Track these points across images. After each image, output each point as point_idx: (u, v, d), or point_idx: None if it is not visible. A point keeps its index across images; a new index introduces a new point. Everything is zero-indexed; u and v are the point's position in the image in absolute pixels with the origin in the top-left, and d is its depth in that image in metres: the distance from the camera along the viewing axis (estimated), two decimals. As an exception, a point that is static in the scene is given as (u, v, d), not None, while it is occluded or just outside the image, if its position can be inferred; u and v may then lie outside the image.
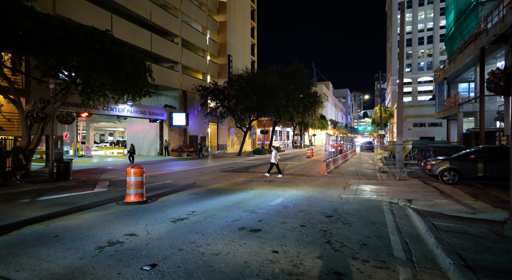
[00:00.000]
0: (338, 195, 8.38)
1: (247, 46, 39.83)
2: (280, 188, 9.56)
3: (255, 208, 6.46)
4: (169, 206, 6.55)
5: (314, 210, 6.45)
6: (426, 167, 10.24)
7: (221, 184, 10.35)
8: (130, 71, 11.52)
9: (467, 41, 20.59)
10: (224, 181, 11.27)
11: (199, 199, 7.48)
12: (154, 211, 5.99)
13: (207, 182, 11.02)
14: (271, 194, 8.34)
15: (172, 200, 7.34)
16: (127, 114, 21.24)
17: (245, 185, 10.23)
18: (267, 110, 25.34)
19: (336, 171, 14.94)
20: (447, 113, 25.63)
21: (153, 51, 23.70)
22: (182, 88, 27.44)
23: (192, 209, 6.22)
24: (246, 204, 7.02)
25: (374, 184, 10.62)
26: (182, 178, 12.05)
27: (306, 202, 7.25)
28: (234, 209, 6.40)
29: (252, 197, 7.93)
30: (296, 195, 8.22)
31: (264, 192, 8.81)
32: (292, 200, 7.49)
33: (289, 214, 5.90)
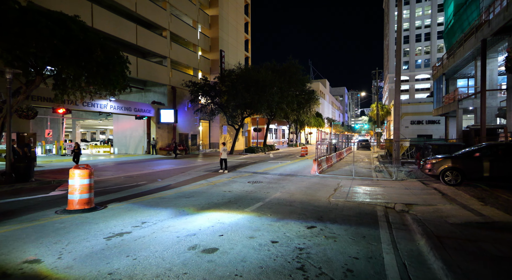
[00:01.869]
0: (327, 199, 7.36)
1: (241, 42, 38.69)
2: (263, 190, 8.53)
3: (223, 217, 5.43)
4: (119, 215, 5.47)
5: (295, 218, 5.43)
6: (425, 166, 9.26)
7: (198, 186, 9.30)
8: (101, 60, 10.39)
9: (467, 34, 19.64)
10: (204, 182, 10.22)
11: (161, 205, 6.43)
12: (94, 222, 4.91)
13: (184, 183, 9.96)
14: (250, 198, 7.30)
15: (128, 206, 6.27)
16: (110, 110, 20.09)
17: (224, 186, 9.19)
18: (259, 106, 24.28)
19: (329, 171, 13.95)
20: (445, 110, 24.73)
21: (139, 44, 22.52)
22: (171, 84, 26.29)
23: (145, 219, 5.14)
24: (215, 211, 5.98)
25: (369, 185, 9.62)
26: (159, 179, 10.99)
27: (288, 208, 6.22)
28: (198, 218, 5.36)
29: (227, 201, 6.90)
30: (278, 199, 7.19)
31: (243, 195, 7.77)
32: (272, 206, 6.47)
33: (261, 225, 4.86)
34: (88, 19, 18.39)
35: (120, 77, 12.41)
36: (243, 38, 39.48)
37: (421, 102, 37.03)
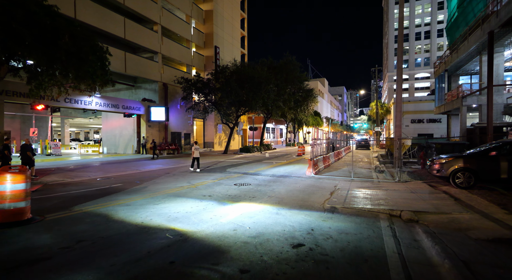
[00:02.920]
0: (321, 205, 6.32)
1: (237, 38, 37.61)
2: (249, 195, 7.47)
3: (189, 231, 4.38)
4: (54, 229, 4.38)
5: (279, 232, 4.38)
6: (433, 167, 8.23)
7: (178, 189, 8.24)
8: (69, 48, 9.31)
9: (472, 27, 18.63)
10: (186, 184, 9.16)
11: (121, 213, 5.38)
12: (12, 240, 3.84)
13: (163, 185, 8.89)
14: (231, 205, 6.25)
15: (76, 216, 5.21)
16: (96, 107, 18.99)
17: (206, 189, 8.13)
18: (254, 104, 23.21)
19: (326, 171, 12.91)
20: (448, 108, 23.73)
21: (127, 38, 21.42)
22: (162, 80, 25.19)
23: (82, 237, 4.06)
24: (183, 221, 4.93)
25: (369, 187, 8.59)
26: (138, 181, 9.92)
27: (273, 218, 5.17)
28: (156, 231, 4.31)
29: (202, 209, 5.85)
30: (263, 207, 6.15)
31: (224, 200, 6.72)
32: (255, 215, 5.42)
33: (233, 244, 3.81)
34: (71, 10, 17.29)
35: (98, 69, 11.33)
36: (239, 34, 38.40)
37: (421, 100, 36.05)
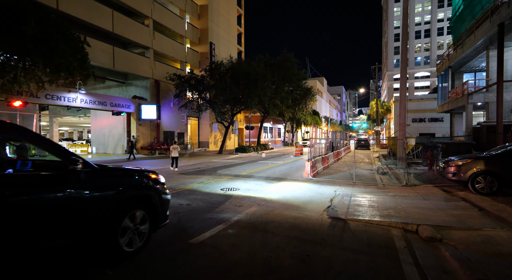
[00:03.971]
0: (320, 216, 5.27)
1: (233, 35, 36.52)
2: (235, 202, 6.42)
3: (140, 259, 3.32)
4: None
5: (264, 260, 3.32)
6: (448, 170, 7.19)
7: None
8: (36, 34, 8.22)
9: (479, 19, 17.62)
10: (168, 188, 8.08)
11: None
12: None
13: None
14: (210, 217, 5.19)
15: None
16: (81, 104, 17.87)
17: (188, 195, 7.06)
18: (249, 101, 22.14)
19: (325, 173, 11.87)
20: (452, 106, 22.75)
21: (116, 32, 20.30)
22: (154, 77, 24.08)
23: None
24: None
25: (374, 192, 7.55)
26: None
27: (258, 237, 4.11)
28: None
29: (176, 222, 4.78)
30: (250, 218, 5.09)
31: (202, 210, 5.66)
32: (236, 232, 4.36)
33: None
34: (53, 1, 16.15)
35: (74, 60, 10.23)
36: (235, 31, 37.32)
37: (423, 98, 35.10)
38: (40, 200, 2.46)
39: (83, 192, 2.75)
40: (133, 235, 3.26)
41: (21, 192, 2.35)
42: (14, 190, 2.32)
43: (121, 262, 3.15)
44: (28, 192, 2.40)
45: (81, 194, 2.74)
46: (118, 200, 3.04)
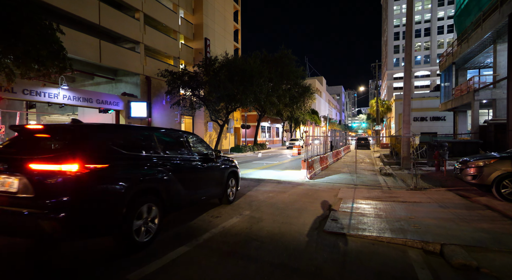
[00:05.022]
0: (315, 229, 4.22)
1: (229, 31, 35.43)
2: (213, 212, 5.35)
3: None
4: None
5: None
6: (466, 171, 6.16)
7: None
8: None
9: (486, 11, 16.65)
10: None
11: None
12: None
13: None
14: (175, 232, 4.12)
15: None
16: (63, 101, 16.75)
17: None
18: (244, 99, 21.07)
19: (323, 174, 10.82)
20: (456, 103, 21.77)
21: (102, 24, 19.18)
22: (145, 73, 22.97)
23: None
24: None
25: (380, 198, 6.51)
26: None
27: (236, 265, 3.05)
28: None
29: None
30: (226, 234, 4.03)
31: (174, 222, 4.60)
32: (205, 255, 3.30)
33: None
34: (32, -11, 15.03)
35: (42, 48, 9.15)
36: (232, 27, 36.23)
37: (425, 97, 34.12)
38: (206, 166, 4.94)
39: (218, 164, 5.39)
40: (231, 189, 5.96)
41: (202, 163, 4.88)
42: (201, 163, 4.84)
43: (229, 203, 5.88)
44: (204, 163, 4.94)
45: (219, 165, 5.42)
46: (228, 169, 5.74)
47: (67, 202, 2.73)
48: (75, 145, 3.00)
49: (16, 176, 2.82)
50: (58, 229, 2.68)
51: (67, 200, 2.74)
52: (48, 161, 2.81)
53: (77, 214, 2.77)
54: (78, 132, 3.17)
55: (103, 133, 3.39)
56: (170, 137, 4.50)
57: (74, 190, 2.77)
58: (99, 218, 2.94)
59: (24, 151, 3.09)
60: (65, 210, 2.70)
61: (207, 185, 4.91)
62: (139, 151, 3.62)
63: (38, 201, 2.72)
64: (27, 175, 2.79)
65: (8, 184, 2.84)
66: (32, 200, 2.74)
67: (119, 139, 3.46)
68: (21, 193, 2.79)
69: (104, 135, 3.35)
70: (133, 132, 3.83)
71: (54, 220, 2.65)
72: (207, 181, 4.94)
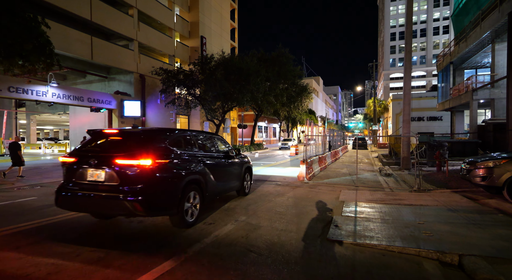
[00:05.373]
0: (318, 237, 3.84)
1: (226, 29, 34.99)
2: (206, 218, 4.95)
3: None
4: None
5: None
6: (475, 172, 5.83)
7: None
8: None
9: (485, 10, 16.45)
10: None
11: None
12: None
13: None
14: (160, 243, 3.71)
15: None
16: (52, 99, 16.18)
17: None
18: (241, 98, 20.65)
19: (323, 175, 10.47)
20: (454, 103, 21.61)
21: (95, 21, 18.62)
22: (139, 71, 22.45)
23: None
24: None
25: (384, 200, 6.16)
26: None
27: None
28: None
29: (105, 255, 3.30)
30: (219, 244, 3.63)
31: (158, 231, 4.18)
32: (194, 271, 2.90)
33: None
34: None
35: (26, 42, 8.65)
36: (228, 26, 35.80)
37: (422, 97, 34.04)
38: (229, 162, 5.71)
39: (237, 160, 6.14)
40: (247, 183, 6.74)
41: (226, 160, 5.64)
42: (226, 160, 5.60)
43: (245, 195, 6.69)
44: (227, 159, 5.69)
45: (238, 161, 6.18)
46: (244, 165, 6.50)
47: (143, 188, 3.57)
48: (147, 145, 3.81)
49: (103, 169, 3.66)
50: (137, 208, 3.47)
51: (143, 186, 3.58)
52: (129, 157, 3.62)
53: (150, 197, 3.58)
54: (146, 135, 4.07)
55: (163, 136, 4.22)
56: (204, 138, 5.37)
57: (148, 179, 3.62)
58: (164, 200, 3.80)
59: (106, 150, 3.95)
60: (142, 194, 3.52)
61: (230, 179, 5.76)
62: (186, 150, 4.51)
63: (122, 187, 3.58)
64: (113, 168, 3.62)
65: (96, 175, 3.70)
66: (117, 186, 3.59)
67: (173, 140, 4.32)
68: (107, 181, 3.63)
69: (163, 137, 4.18)
70: (180, 134, 4.66)
71: (134, 201, 3.46)
72: (230, 175, 5.79)
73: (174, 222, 4.12)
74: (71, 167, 3.85)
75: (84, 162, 3.74)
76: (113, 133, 4.12)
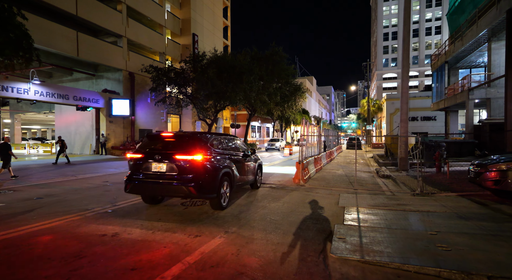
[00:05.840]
0: (319, 253, 3.31)
1: (218, 27, 34.32)
2: (192, 229, 4.37)
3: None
4: None
5: None
6: (486, 176, 5.40)
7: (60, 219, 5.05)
8: None
9: (482, 8, 16.24)
10: (80, 216, 5.96)
11: None
12: None
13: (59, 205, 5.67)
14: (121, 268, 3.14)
15: None
16: (35, 97, 15.30)
17: (100, 227, 4.98)
18: (234, 96, 20.04)
19: (318, 177, 9.98)
20: (449, 103, 21.45)
21: (80, 15, 17.76)
22: (128, 69, 21.63)
23: None
24: None
25: (386, 205, 5.68)
26: (37, 198, 6.63)
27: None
28: None
29: None
30: (203, 266, 3.07)
31: (103, 256, 3.60)
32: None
33: None
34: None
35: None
36: (221, 23, 35.13)
37: (416, 96, 34.01)
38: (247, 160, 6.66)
39: (253, 158, 7.26)
40: (258, 178, 7.72)
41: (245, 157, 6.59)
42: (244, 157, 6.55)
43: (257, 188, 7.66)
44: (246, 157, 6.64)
45: (253, 159, 7.22)
46: (257, 162, 7.56)
47: (195, 176, 4.74)
48: (197, 144, 4.99)
49: (165, 163, 4.82)
50: (192, 192, 4.66)
51: (195, 175, 4.74)
52: (185, 154, 4.81)
53: (201, 183, 4.72)
54: (195, 137, 5.22)
55: (205, 138, 5.38)
56: (229, 140, 6.46)
57: (199, 170, 4.77)
58: (209, 186, 4.86)
59: (166, 148, 5.03)
60: (195, 181, 4.70)
61: (248, 173, 6.87)
62: (219, 149, 5.65)
63: (180, 176, 4.75)
64: (173, 161, 4.80)
65: (159, 167, 4.85)
66: (176, 175, 4.77)
67: (211, 141, 5.45)
68: (168, 172, 4.81)
69: (206, 139, 5.34)
70: (215, 136, 5.80)
71: (190, 186, 4.66)
72: (248, 170, 6.88)
73: (213, 205, 5.20)
74: (138, 161, 4.98)
75: (150, 157, 4.89)
76: (169, 136, 5.28)
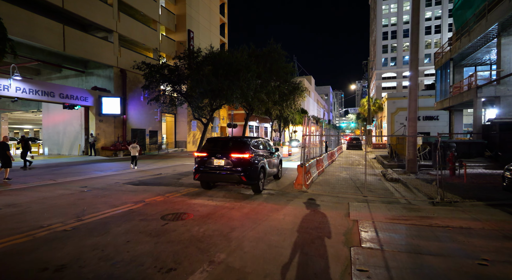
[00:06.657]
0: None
1: (215, 24, 33.32)
2: (158, 263, 3.42)
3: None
4: None
5: None
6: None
7: (27, 235, 4.07)
8: None
9: (492, 1, 15.40)
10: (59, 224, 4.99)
11: None
12: None
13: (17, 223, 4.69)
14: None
15: None
16: (16, 94, 14.24)
17: (60, 250, 4.01)
18: (230, 94, 19.05)
19: (321, 181, 9.03)
20: (455, 101, 20.58)
21: (67, 8, 16.71)
22: (119, 65, 20.58)
23: None
24: None
25: (408, 219, 4.74)
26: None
27: None
28: None
29: None
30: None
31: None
32: None
33: None
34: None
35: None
36: (218, 20, 34.12)
37: (418, 95, 33.15)
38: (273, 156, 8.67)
39: (277, 154, 9.19)
40: (280, 171, 9.60)
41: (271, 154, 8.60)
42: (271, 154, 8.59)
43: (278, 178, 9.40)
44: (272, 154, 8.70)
45: (276, 155, 9.12)
46: (279, 158, 9.46)
47: (245, 168, 6.73)
48: (245, 146, 7.07)
49: (223, 159, 6.87)
50: (243, 179, 6.69)
51: (244, 168, 6.73)
52: (238, 152, 6.84)
53: (248, 173, 6.72)
54: (243, 141, 7.24)
55: (249, 141, 7.36)
56: (262, 141, 8.25)
57: (247, 164, 6.77)
58: (254, 175, 6.83)
59: (223, 148, 7.08)
60: (244, 172, 6.71)
61: (274, 167, 8.59)
62: (257, 149, 7.56)
63: (235, 168, 6.76)
64: (229, 158, 6.82)
65: (219, 162, 6.89)
66: (232, 168, 6.78)
67: (252, 143, 7.50)
68: (226, 165, 6.84)
69: (249, 142, 7.32)
70: (254, 139, 7.72)
71: (242, 175, 6.68)
72: (274, 165, 8.62)
73: (254, 189, 7.04)
74: (203, 158, 6.97)
75: (212, 155, 6.92)
76: (224, 139, 7.39)
